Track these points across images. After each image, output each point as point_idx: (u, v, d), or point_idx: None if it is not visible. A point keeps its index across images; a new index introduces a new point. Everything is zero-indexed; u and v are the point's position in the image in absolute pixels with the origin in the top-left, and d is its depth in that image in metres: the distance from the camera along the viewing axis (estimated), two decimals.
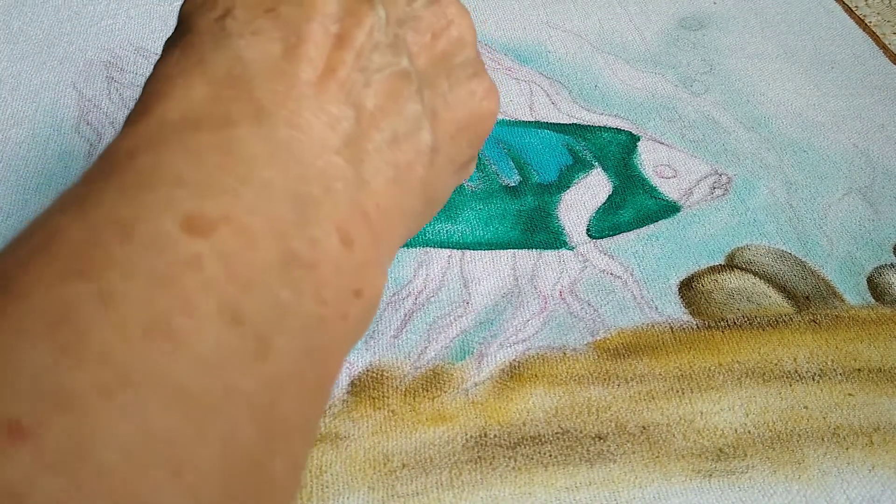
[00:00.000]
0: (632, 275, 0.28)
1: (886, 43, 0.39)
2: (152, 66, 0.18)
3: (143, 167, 0.14)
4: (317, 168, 0.16)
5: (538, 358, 0.25)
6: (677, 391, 0.24)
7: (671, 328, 0.26)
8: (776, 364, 0.25)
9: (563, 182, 0.31)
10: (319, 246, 0.15)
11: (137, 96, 0.37)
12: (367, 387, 0.24)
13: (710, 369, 0.25)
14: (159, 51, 0.37)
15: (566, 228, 0.30)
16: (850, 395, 0.25)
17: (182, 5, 0.19)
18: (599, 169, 0.32)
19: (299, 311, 0.14)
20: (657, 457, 0.23)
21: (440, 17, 0.20)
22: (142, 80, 0.35)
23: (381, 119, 0.18)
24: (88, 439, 0.11)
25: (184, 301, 0.13)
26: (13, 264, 0.13)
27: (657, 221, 0.30)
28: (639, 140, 0.33)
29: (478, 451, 0.23)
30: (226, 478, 0.12)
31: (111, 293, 0.12)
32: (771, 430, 0.24)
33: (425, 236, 0.29)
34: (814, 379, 0.25)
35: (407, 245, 0.29)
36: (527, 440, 0.23)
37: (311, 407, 0.15)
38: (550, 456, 0.23)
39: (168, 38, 0.19)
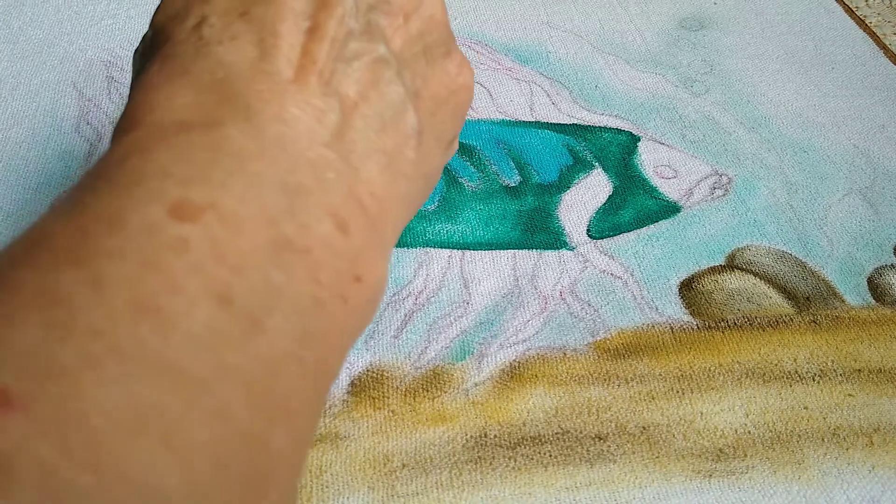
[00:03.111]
0: (632, 275, 0.28)
1: (887, 43, 0.39)
2: None
3: (131, 167, 0.15)
4: (307, 160, 0.16)
5: (538, 358, 0.25)
6: (677, 391, 0.24)
7: (671, 328, 0.26)
8: (776, 364, 0.25)
9: (564, 182, 0.31)
10: (312, 231, 0.15)
11: None
12: (367, 387, 0.24)
13: (710, 369, 0.25)
14: None
15: (566, 229, 0.30)
16: (850, 395, 0.25)
17: (154, 15, 0.19)
18: (600, 169, 0.32)
19: (293, 292, 0.14)
20: (657, 457, 0.23)
21: None
22: None
23: (365, 107, 0.18)
24: (77, 407, 0.11)
25: (171, 282, 0.13)
26: (6, 262, 0.13)
27: (657, 222, 0.30)
28: (639, 140, 0.33)
29: (478, 451, 0.23)
30: (219, 450, 0.12)
31: (100, 277, 0.12)
32: (771, 431, 0.24)
33: (425, 236, 0.29)
34: (814, 379, 0.25)
35: (407, 245, 0.29)
36: (527, 440, 0.23)
37: (314, 387, 0.15)
38: (550, 456, 0.23)
39: (140, 49, 0.19)
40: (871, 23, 0.42)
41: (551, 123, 0.34)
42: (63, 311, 0.12)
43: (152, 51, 0.18)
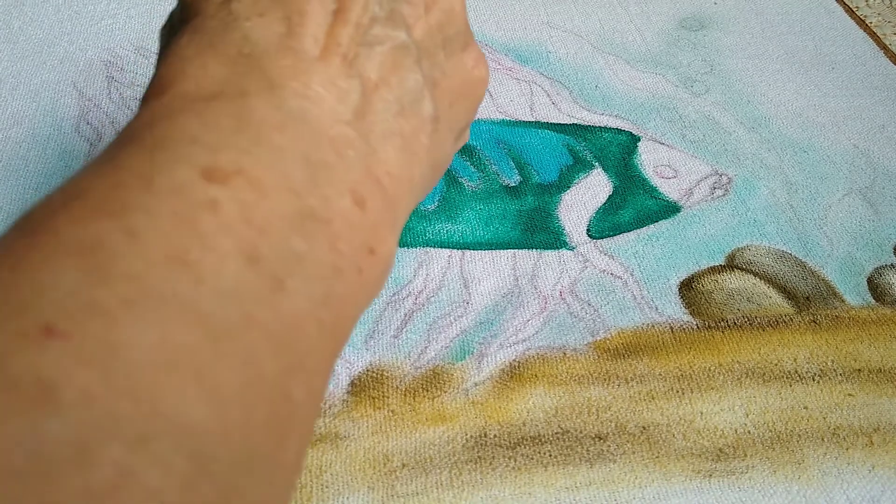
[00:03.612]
0: (632, 275, 0.28)
1: (887, 43, 0.39)
2: (153, 66, 0.18)
3: (160, 132, 0.15)
4: (329, 137, 0.17)
5: (538, 358, 0.25)
6: (677, 391, 0.24)
7: (671, 328, 0.26)
8: (776, 364, 0.25)
9: (564, 182, 0.31)
10: (332, 204, 0.16)
11: (137, 96, 0.37)
12: (367, 387, 0.24)
13: (710, 369, 0.25)
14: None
15: (566, 228, 0.30)
16: (850, 395, 0.25)
17: None
18: (600, 169, 0.32)
19: (314, 258, 0.15)
20: (657, 457, 0.23)
21: None
22: (142, 80, 0.35)
23: (385, 91, 0.18)
24: (116, 342, 0.12)
25: (202, 239, 0.14)
26: (43, 213, 0.14)
27: (657, 221, 0.30)
28: (639, 140, 0.33)
29: (478, 451, 0.23)
30: (246, 395, 0.13)
31: (135, 229, 0.13)
32: (771, 430, 0.23)
33: (425, 236, 0.29)
34: (814, 379, 0.25)
35: (407, 245, 0.29)
36: (527, 440, 0.23)
37: (329, 350, 0.16)
38: (550, 456, 0.23)
39: (167, 25, 0.20)
40: (871, 23, 0.42)
41: (551, 123, 0.34)
42: (100, 257, 0.13)
43: (180, 25, 0.19)
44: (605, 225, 0.30)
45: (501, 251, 0.29)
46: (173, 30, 0.19)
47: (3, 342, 0.11)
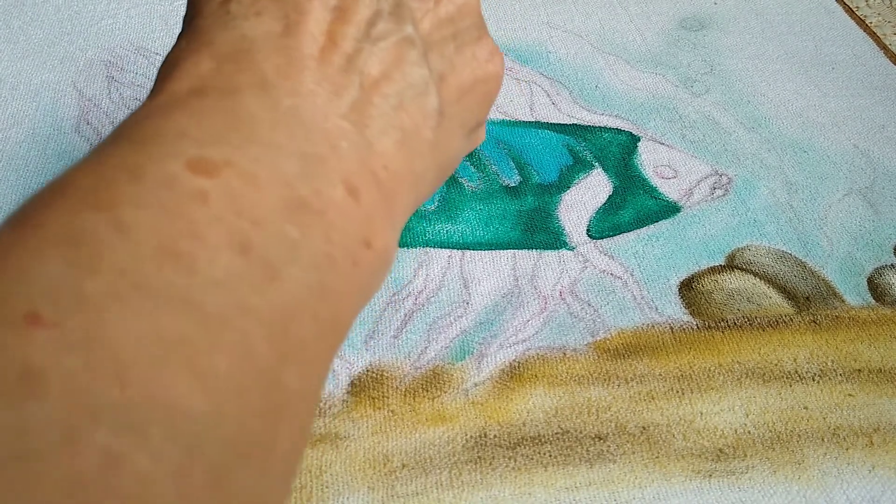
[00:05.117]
0: (632, 275, 0.28)
1: (887, 43, 0.40)
2: (153, 66, 0.18)
3: (149, 126, 0.15)
4: (322, 130, 0.17)
5: (538, 358, 0.25)
6: (677, 391, 0.24)
7: (671, 328, 0.26)
8: (776, 364, 0.25)
9: (564, 182, 0.31)
10: (325, 195, 0.16)
11: (138, 96, 0.37)
12: (367, 387, 0.24)
13: (710, 369, 0.25)
14: (160, 50, 0.37)
15: (566, 229, 0.30)
16: (850, 395, 0.25)
17: None
18: (600, 169, 0.32)
19: (308, 248, 0.15)
20: (657, 457, 0.23)
21: None
22: (142, 80, 0.35)
23: (385, 85, 0.18)
24: (103, 332, 0.12)
25: (192, 230, 0.13)
26: (32, 207, 0.14)
27: (657, 222, 0.30)
28: (639, 140, 0.33)
29: (478, 452, 0.23)
30: (239, 381, 0.13)
31: (123, 221, 0.13)
32: (771, 431, 0.24)
33: (425, 236, 0.29)
34: (814, 379, 0.25)
35: (407, 245, 0.29)
36: (527, 440, 0.23)
37: (325, 340, 0.16)
38: (550, 456, 0.23)
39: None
40: (871, 23, 0.42)
41: (551, 123, 0.34)
42: (87, 249, 0.12)
43: (184, 26, 0.19)
44: (605, 225, 0.30)
45: (501, 251, 0.29)
46: (182, 30, 0.19)
47: None
